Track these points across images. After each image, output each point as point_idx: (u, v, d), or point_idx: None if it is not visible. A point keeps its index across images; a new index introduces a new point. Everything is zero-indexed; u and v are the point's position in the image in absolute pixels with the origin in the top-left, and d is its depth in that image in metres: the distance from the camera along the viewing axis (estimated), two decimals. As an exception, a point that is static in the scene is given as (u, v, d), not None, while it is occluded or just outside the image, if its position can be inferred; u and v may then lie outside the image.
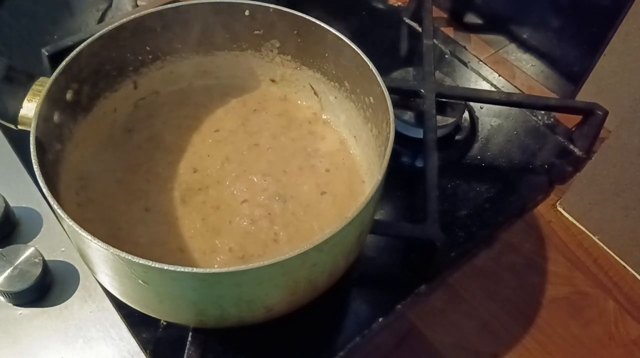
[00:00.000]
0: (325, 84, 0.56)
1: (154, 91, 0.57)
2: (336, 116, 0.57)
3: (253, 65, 0.58)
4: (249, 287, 0.40)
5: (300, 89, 0.58)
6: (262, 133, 0.56)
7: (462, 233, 0.58)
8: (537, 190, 0.63)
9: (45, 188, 0.40)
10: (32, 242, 0.53)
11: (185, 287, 0.40)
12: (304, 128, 0.57)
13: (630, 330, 0.55)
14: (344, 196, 0.52)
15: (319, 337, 0.52)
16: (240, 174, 0.52)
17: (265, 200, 0.51)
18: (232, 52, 0.57)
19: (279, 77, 0.58)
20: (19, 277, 0.49)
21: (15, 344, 0.49)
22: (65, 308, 0.51)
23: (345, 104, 0.55)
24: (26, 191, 0.57)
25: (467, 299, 0.55)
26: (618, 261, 0.59)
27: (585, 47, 0.69)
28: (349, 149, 0.55)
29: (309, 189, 0.52)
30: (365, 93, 0.52)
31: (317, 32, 0.52)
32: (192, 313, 0.44)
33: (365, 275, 0.56)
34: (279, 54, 0.56)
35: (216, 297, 0.41)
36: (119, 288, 0.45)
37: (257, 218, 0.50)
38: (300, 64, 0.56)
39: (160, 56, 0.55)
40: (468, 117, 0.68)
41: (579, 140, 0.66)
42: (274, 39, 0.55)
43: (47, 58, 0.61)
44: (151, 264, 0.37)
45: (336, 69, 0.54)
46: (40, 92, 0.46)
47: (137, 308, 0.46)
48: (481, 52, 0.77)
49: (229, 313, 0.43)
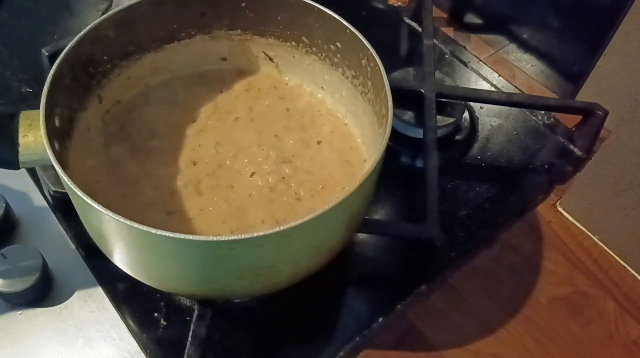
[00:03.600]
0: (280, 47, 0.57)
1: (115, 101, 0.56)
2: (298, 74, 0.58)
3: (203, 49, 0.58)
4: (321, 231, 0.43)
5: (253, 59, 0.59)
6: (237, 110, 0.56)
7: (462, 233, 0.58)
8: (537, 190, 0.63)
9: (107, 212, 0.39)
10: (32, 242, 0.53)
11: (269, 251, 0.41)
12: (272, 94, 0.58)
13: (630, 330, 0.55)
14: (336, 141, 0.55)
15: (319, 336, 0.52)
16: (237, 151, 0.53)
17: (273, 165, 0.52)
18: (181, 42, 0.57)
19: (230, 54, 0.58)
20: (19, 277, 0.49)
21: (15, 344, 0.49)
22: (65, 308, 0.51)
23: (306, 59, 0.57)
24: (26, 191, 0.57)
25: (467, 299, 0.56)
26: (618, 261, 0.59)
27: (585, 47, 0.69)
28: (321, 99, 0.58)
29: (305, 144, 0.54)
30: (329, 41, 0.53)
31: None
32: (270, 277, 0.45)
33: (365, 275, 0.56)
34: (227, 31, 0.57)
35: (294, 251, 0.43)
36: (187, 282, 0.46)
37: (273, 184, 0.51)
38: (251, 35, 0.57)
39: (116, 63, 0.54)
40: (468, 117, 0.68)
41: (579, 140, 0.66)
42: (222, 17, 0.56)
43: (47, 58, 0.61)
44: (240, 237, 0.38)
45: (291, 29, 0.55)
46: (31, 126, 0.45)
47: (211, 293, 0.47)
48: (481, 52, 0.77)
49: (301, 267, 0.46)
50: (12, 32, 0.73)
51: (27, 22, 0.74)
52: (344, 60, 0.53)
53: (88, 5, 0.77)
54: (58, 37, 0.71)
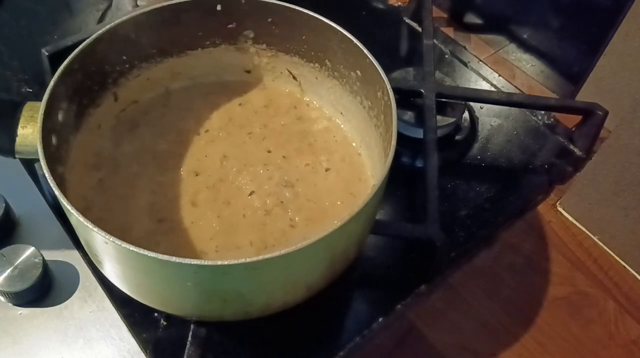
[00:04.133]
0: (304, 67, 0.56)
1: (132, 101, 0.56)
2: (319, 96, 0.57)
3: (227, 60, 0.57)
4: (296, 267, 0.41)
5: (278, 75, 0.58)
6: (251, 125, 0.56)
7: (462, 233, 0.58)
8: (537, 190, 0.63)
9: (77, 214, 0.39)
10: (32, 242, 0.53)
11: (237, 279, 0.40)
12: (291, 113, 0.57)
13: (630, 330, 0.55)
14: (345, 170, 0.53)
15: (319, 336, 0.52)
16: (242, 168, 0.53)
17: (273, 187, 0.51)
18: (205, 50, 0.56)
19: (254, 67, 0.58)
20: (19, 277, 0.49)
21: (15, 344, 0.49)
22: (65, 308, 0.51)
23: (327, 82, 0.56)
24: (26, 190, 0.57)
25: (467, 299, 0.56)
26: (618, 261, 0.59)
27: (585, 47, 0.69)
28: (338, 126, 0.56)
29: (312, 169, 0.53)
30: (350, 68, 0.52)
31: (292, 16, 0.52)
32: (241, 306, 0.44)
33: (365, 275, 0.56)
34: (253, 44, 0.56)
35: (266, 284, 0.42)
36: (159, 298, 0.45)
37: (270, 207, 0.50)
38: (276, 51, 0.56)
39: (136, 64, 0.54)
40: (468, 117, 0.68)
41: (579, 140, 0.66)
42: (248, 30, 0.55)
43: (47, 58, 0.61)
44: (203, 263, 0.36)
45: (315, 50, 0.54)
46: (32, 118, 0.45)
47: (181, 313, 0.46)
48: (481, 52, 0.77)
49: (275, 299, 0.44)
50: (12, 32, 0.73)
51: (27, 22, 0.74)
52: (363, 89, 0.52)
53: (88, 5, 0.77)
54: (58, 37, 0.71)
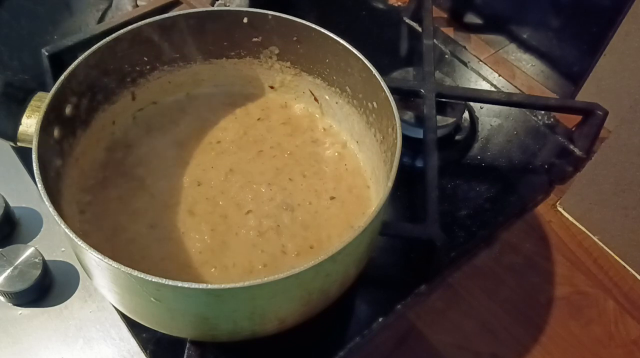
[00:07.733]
0: (325, 90, 0.56)
1: (151, 102, 0.56)
2: (338, 121, 0.57)
3: (251, 73, 0.57)
4: (264, 300, 0.40)
5: (300, 95, 0.58)
6: (265, 142, 0.55)
7: (462, 233, 0.58)
8: (537, 190, 0.63)
9: (52, 209, 0.39)
10: (32, 242, 0.53)
11: (200, 303, 0.39)
12: (307, 135, 0.56)
13: (630, 330, 0.55)
14: (351, 202, 0.52)
15: (318, 336, 0.52)
16: (245, 184, 0.52)
17: (273, 209, 0.50)
18: (230, 60, 0.56)
19: (278, 84, 0.58)
20: (19, 277, 0.49)
21: (15, 344, 0.49)
22: (65, 308, 0.51)
23: (346, 109, 0.55)
24: (26, 191, 0.57)
25: (467, 299, 0.56)
26: (618, 261, 0.59)
27: (585, 47, 0.69)
28: (352, 154, 0.55)
29: (316, 195, 0.52)
30: (368, 98, 0.51)
31: (317, 38, 0.52)
32: (206, 328, 0.43)
33: (366, 275, 0.56)
34: (278, 60, 0.56)
35: (230, 311, 0.41)
36: (128, 306, 0.45)
37: (264, 229, 0.49)
38: (300, 71, 0.56)
39: (157, 66, 0.54)
40: (468, 117, 0.68)
41: (579, 140, 0.66)
42: (273, 46, 0.55)
43: (47, 58, 0.61)
44: (164, 282, 0.36)
45: (337, 74, 0.54)
46: (39, 108, 0.45)
47: (148, 325, 0.46)
48: (481, 52, 0.77)
49: (242, 327, 0.43)
50: (12, 32, 0.73)
51: (27, 22, 0.74)
52: (377, 122, 0.51)
53: (88, 5, 0.77)
54: (58, 37, 0.71)
